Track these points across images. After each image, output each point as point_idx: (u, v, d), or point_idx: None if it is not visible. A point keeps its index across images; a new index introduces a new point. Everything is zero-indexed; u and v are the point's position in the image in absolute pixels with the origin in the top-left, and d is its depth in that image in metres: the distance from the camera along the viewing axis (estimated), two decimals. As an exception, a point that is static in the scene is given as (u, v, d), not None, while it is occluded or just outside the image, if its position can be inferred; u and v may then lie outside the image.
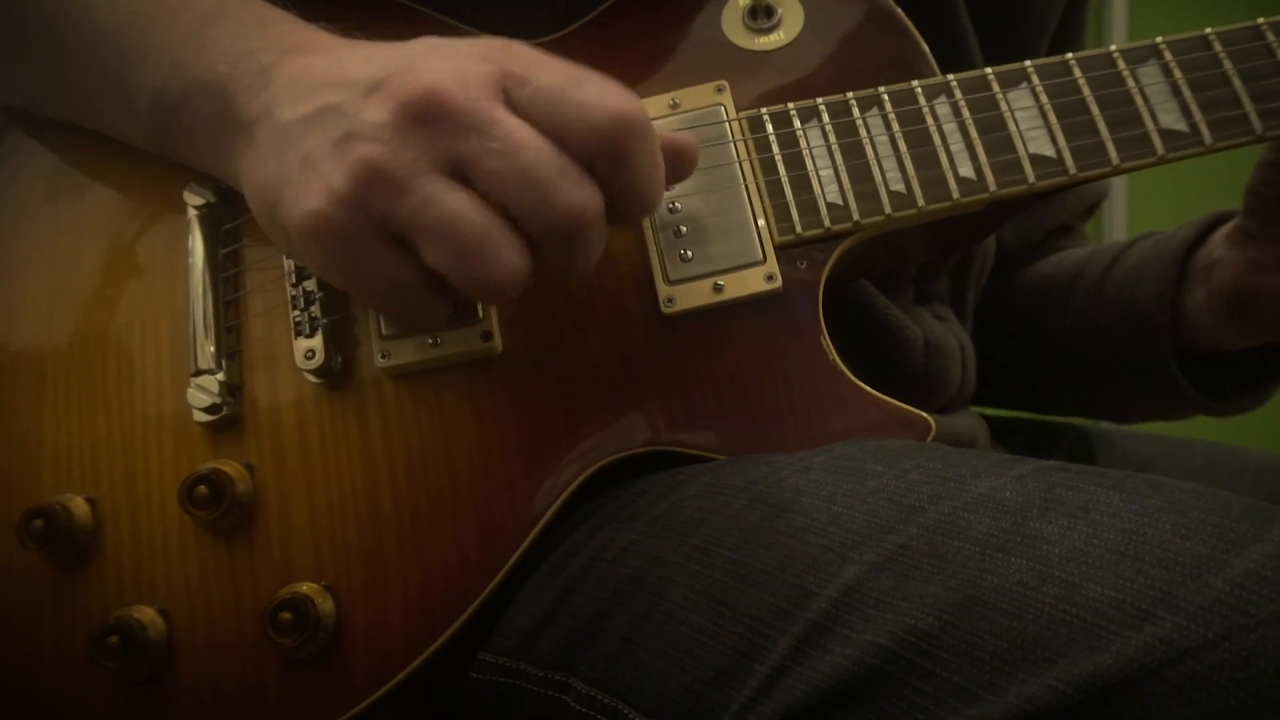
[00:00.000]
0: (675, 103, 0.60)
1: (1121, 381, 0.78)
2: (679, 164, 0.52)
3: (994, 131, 0.58)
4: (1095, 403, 0.84)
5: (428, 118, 0.46)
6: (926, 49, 0.61)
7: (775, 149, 0.58)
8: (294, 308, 0.57)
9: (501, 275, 0.46)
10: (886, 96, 0.59)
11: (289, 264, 0.58)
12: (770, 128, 0.58)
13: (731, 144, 0.58)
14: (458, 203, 0.46)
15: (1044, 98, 0.59)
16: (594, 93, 0.46)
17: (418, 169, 0.46)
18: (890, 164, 0.58)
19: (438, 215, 0.45)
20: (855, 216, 0.57)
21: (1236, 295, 0.69)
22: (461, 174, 0.46)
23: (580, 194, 0.46)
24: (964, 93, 0.59)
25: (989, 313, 0.84)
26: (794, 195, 0.57)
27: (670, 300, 0.56)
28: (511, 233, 0.47)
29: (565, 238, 0.47)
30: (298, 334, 0.56)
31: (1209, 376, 0.76)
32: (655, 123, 0.59)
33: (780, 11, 0.62)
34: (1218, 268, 0.71)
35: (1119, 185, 2.09)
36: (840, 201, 0.57)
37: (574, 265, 0.48)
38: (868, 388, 0.56)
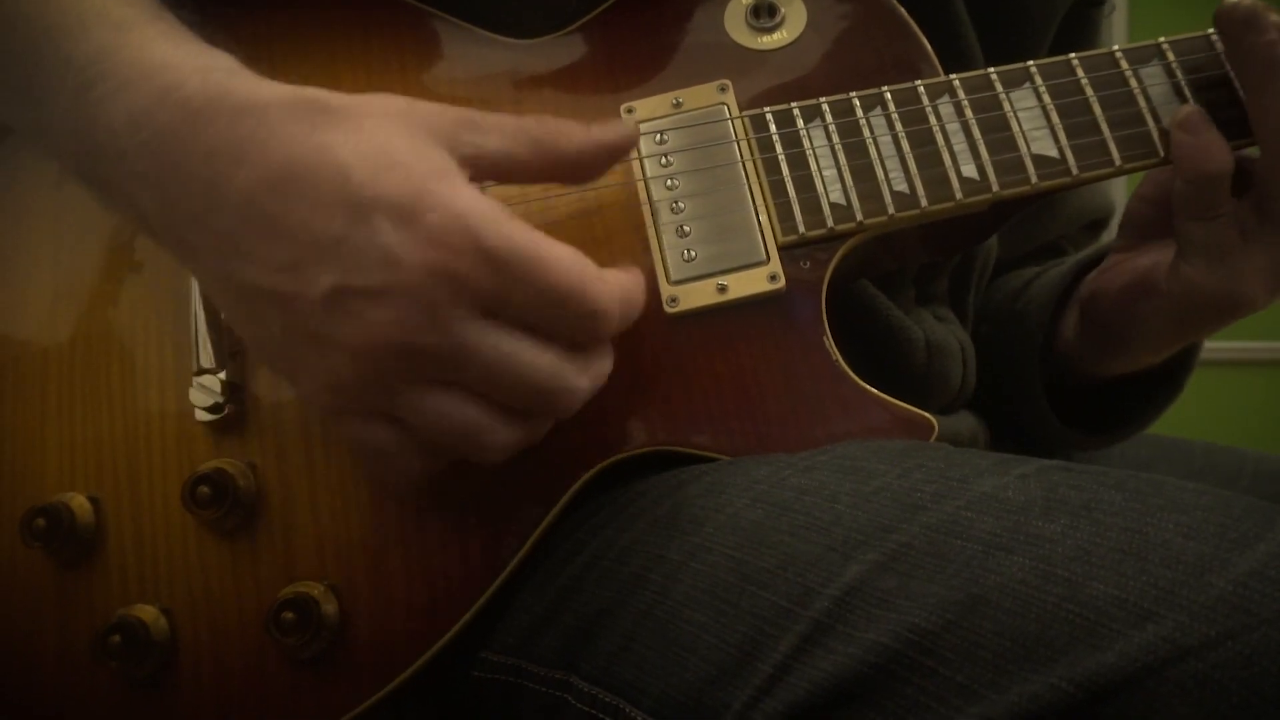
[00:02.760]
0: (678, 102, 0.60)
1: (1007, 398, 0.77)
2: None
3: (997, 131, 0.58)
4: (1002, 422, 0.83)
5: (401, 363, 0.45)
6: (929, 48, 0.61)
7: (778, 149, 0.58)
8: None
9: (498, 453, 0.48)
10: (890, 96, 0.59)
11: None
12: (773, 127, 0.58)
13: (734, 144, 0.58)
14: (448, 410, 0.46)
15: (1047, 98, 0.59)
16: (577, 298, 0.45)
17: (401, 392, 0.46)
18: (893, 164, 0.58)
19: (432, 423, 0.46)
20: (859, 216, 0.57)
21: (1084, 304, 0.70)
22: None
23: (582, 383, 0.48)
24: (967, 92, 0.59)
25: None
26: (797, 195, 0.57)
27: (673, 300, 0.56)
28: (509, 419, 0.48)
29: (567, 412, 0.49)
30: None
31: (1094, 415, 0.76)
32: (656, 122, 0.59)
33: (783, 11, 0.62)
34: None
35: (1120, 196, 2.09)
36: (844, 201, 0.57)
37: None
38: (870, 388, 0.56)
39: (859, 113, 0.58)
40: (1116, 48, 0.60)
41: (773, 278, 0.56)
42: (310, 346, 0.45)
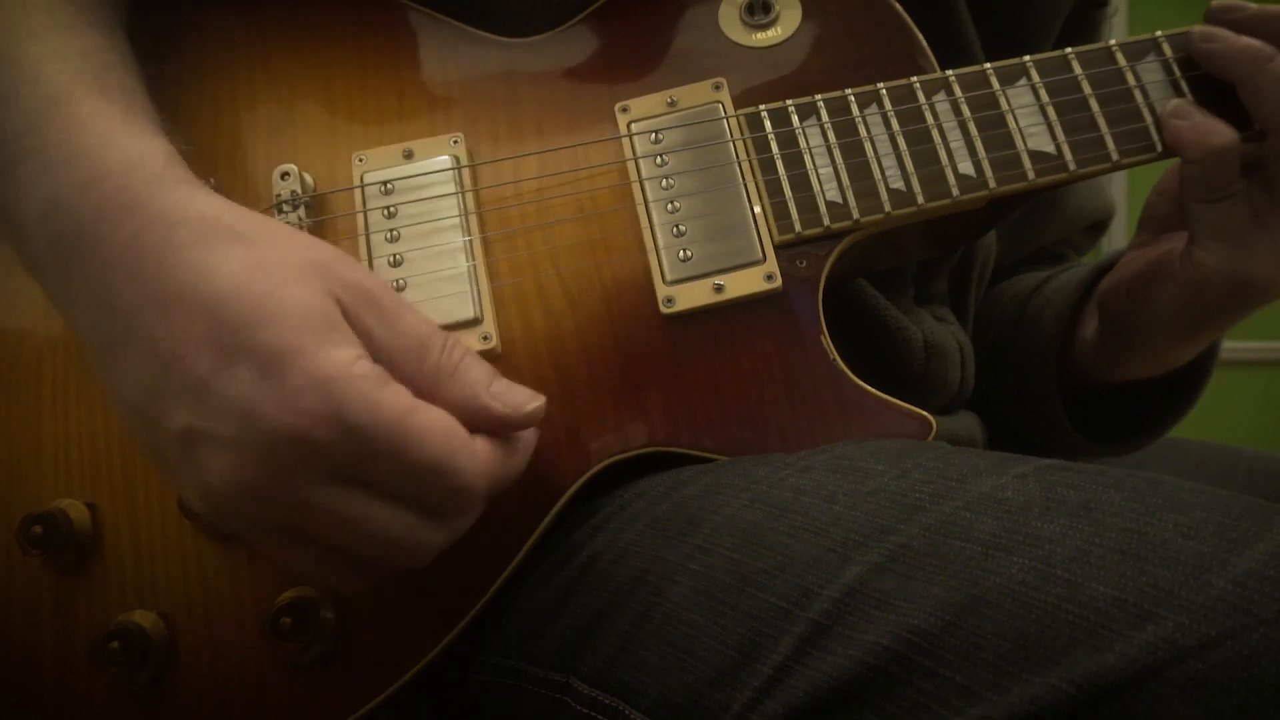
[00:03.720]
0: (672, 101, 0.60)
1: (1018, 404, 0.77)
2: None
3: (993, 128, 0.58)
4: (1011, 426, 0.81)
5: (244, 510, 0.44)
6: (925, 44, 0.61)
7: (774, 147, 0.58)
8: None
9: (352, 591, 0.50)
10: (885, 93, 0.58)
11: None
12: (769, 126, 0.58)
13: (730, 143, 0.58)
14: (294, 555, 0.47)
15: (1043, 93, 0.58)
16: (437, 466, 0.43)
17: (251, 531, 0.46)
18: (889, 161, 0.57)
19: (285, 561, 0.48)
20: (855, 215, 0.57)
21: (1102, 300, 0.69)
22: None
23: (436, 539, 0.46)
24: (963, 89, 0.59)
25: None
26: (793, 194, 0.57)
27: (670, 300, 0.56)
28: (359, 568, 0.47)
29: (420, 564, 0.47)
30: None
31: (1106, 421, 0.75)
32: (651, 121, 0.59)
33: (777, 7, 0.61)
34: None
35: (1120, 197, 2.09)
36: (840, 200, 0.57)
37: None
38: (868, 387, 0.55)
39: (855, 110, 0.58)
40: (1113, 41, 0.60)
41: (769, 277, 0.56)
42: (171, 469, 0.45)
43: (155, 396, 0.44)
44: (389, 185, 0.58)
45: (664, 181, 0.58)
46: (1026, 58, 0.59)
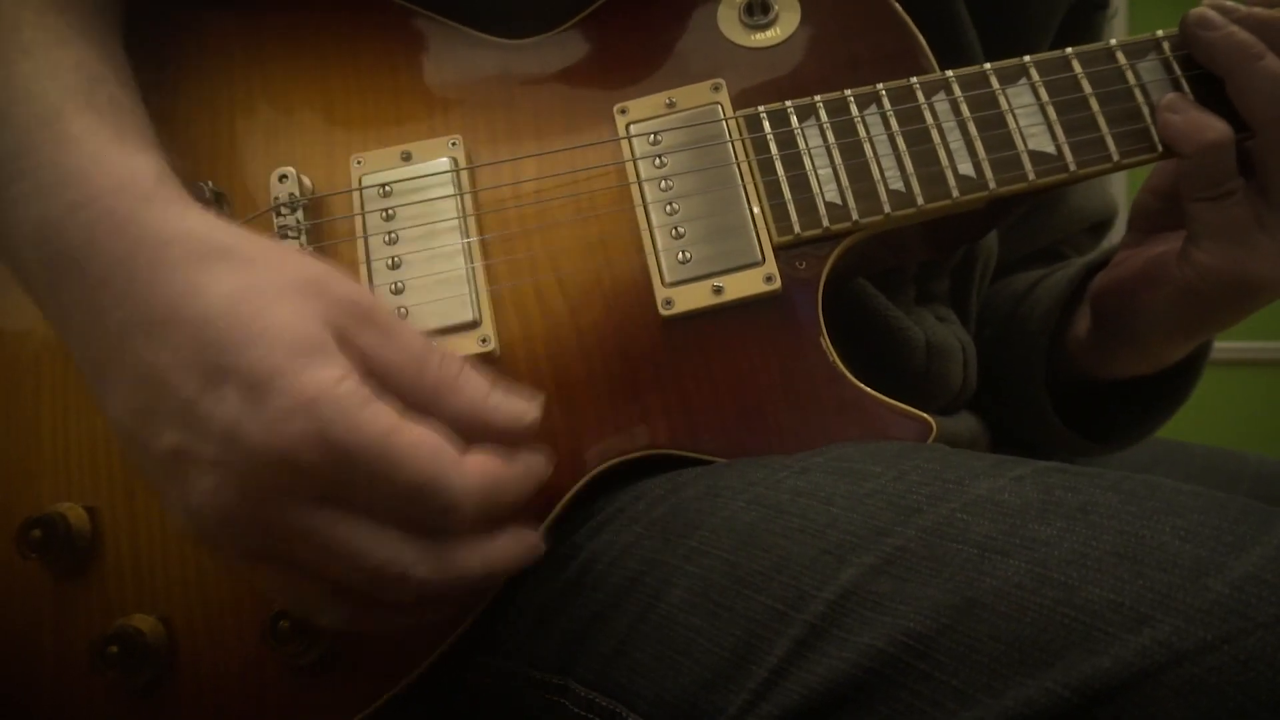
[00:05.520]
0: (671, 102, 0.59)
1: (1010, 402, 0.76)
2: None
3: (993, 128, 0.58)
4: (1007, 425, 0.81)
5: (226, 533, 0.44)
6: (924, 44, 0.60)
7: (773, 149, 0.58)
8: None
9: (332, 627, 0.48)
10: (885, 94, 0.58)
11: None
12: (768, 127, 0.58)
13: (729, 144, 0.58)
14: (276, 582, 0.46)
15: (1043, 93, 0.58)
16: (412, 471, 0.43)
17: (235, 555, 0.46)
18: (889, 162, 0.57)
19: (267, 588, 0.48)
20: (854, 216, 0.56)
21: (1095, 299, 0.68)
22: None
23: (419, 572, 0.44)
24: (963, 89, 0.58)
25: None
26: (792, 195, 0.57)
27: (669, 302, 0.56)
28: (341, 599, 0.46)
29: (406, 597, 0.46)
30: None
31: (1098, 419, 0.75)
32: (650, 123, 0.59)
33: (776, 8, 0.61)
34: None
35: (1121, 195, 2.08)
36: (839, 201, 0.57)
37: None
38: (867, 388, 0.55)
39: (854, 111, 0.58)
40: (1114, 41, 0.60)
41: (769, 278, 0.56)
42: (158, 484, 0.45)
43: (144, 417, 0.44)
44: (387, 188, 0.58)
45: (663, 183, 0.58)
46: (1026, 57, 0.59)
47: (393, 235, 0.57)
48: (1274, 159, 0.55)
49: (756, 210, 0.57)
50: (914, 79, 0.58)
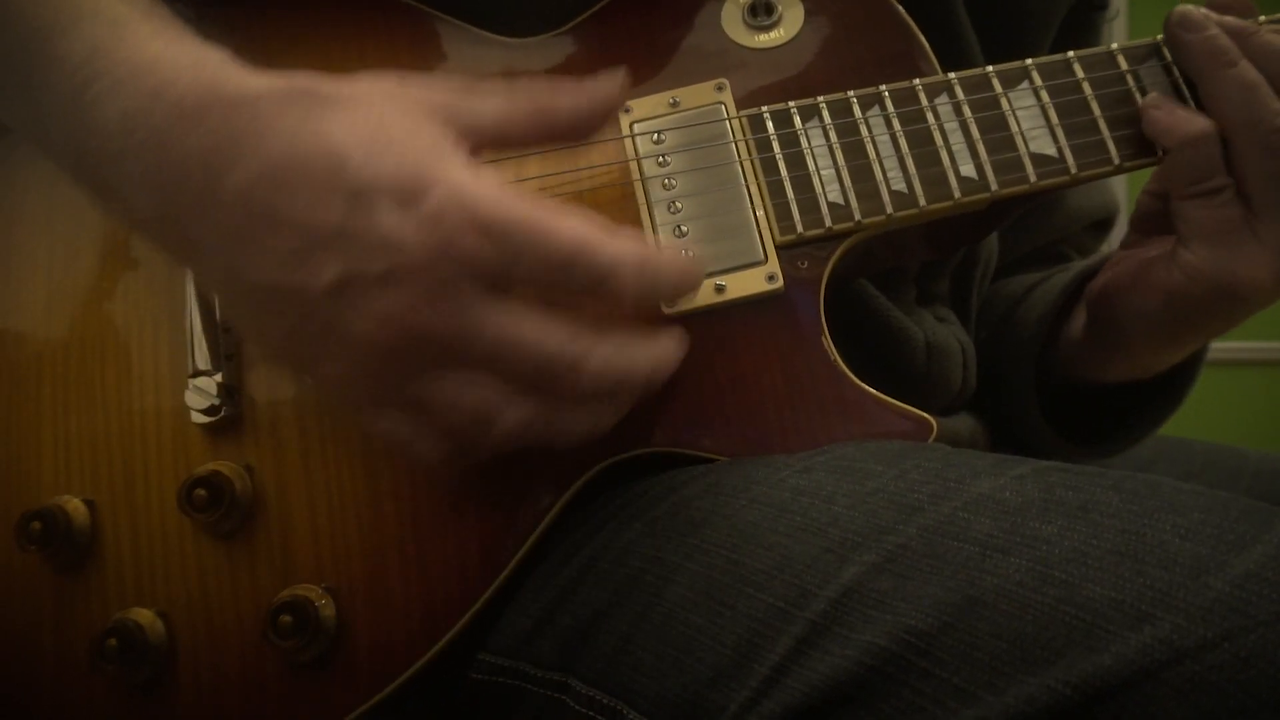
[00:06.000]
0: (675, 101, 0.60)
1: (1002, 405, 0.76)
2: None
3: (995, 130, 0.58)
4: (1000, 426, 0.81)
5: (411, 347, 0.44)
6: (927, 46, 0.61)
7: (776, 148, 0.58)
8: None
9: (510, 432, 0.47)
10: (888, 95, 0.58)
11: None
12: (771, 127, 0.58)
13: (732, 144, 0.58)
14: (457, 391, 0.46)
15: (1045, 96, 0.58)
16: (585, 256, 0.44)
17: (413, 379, 0.46)
18: (892, 163, 0.57)
19: (444, 408, 0.46)
20: (857, 216, 0.57)
21: (1090, 302, 0.68)
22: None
23: (597, 354, 0.46)
24: (965, 91, 0.59)
25: None
26: (795, 195, 0.57)
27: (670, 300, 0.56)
28: (520, 397, 0.47)
29: (583, 388, 0.47)
30: None
31: (1089, 423, 0.75)
32: (653, 122, 0.59)
33: (780, 9, 0.62)
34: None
35: (1123, 194, 2.08)
36: (842, 201, 0.57)
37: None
38: (869, 388, 0.55)
39: (857, 112, 0.58)
40: (1115, 45, 0.60)
41: (771, 278, 0.56)
42: (320, 339, 0.45)
43: (294, 264, 0.44)
44: (390, 185, 0.58)
45: (666, 182, 0.58)
46: (1028, 60, 0.59)
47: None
48: (1249, 164, 0.55)
49: (759, 210, 0.57)
50: (917, 81, 0.59)
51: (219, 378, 0.55)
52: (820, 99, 0.59)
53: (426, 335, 0.44)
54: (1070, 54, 0.59)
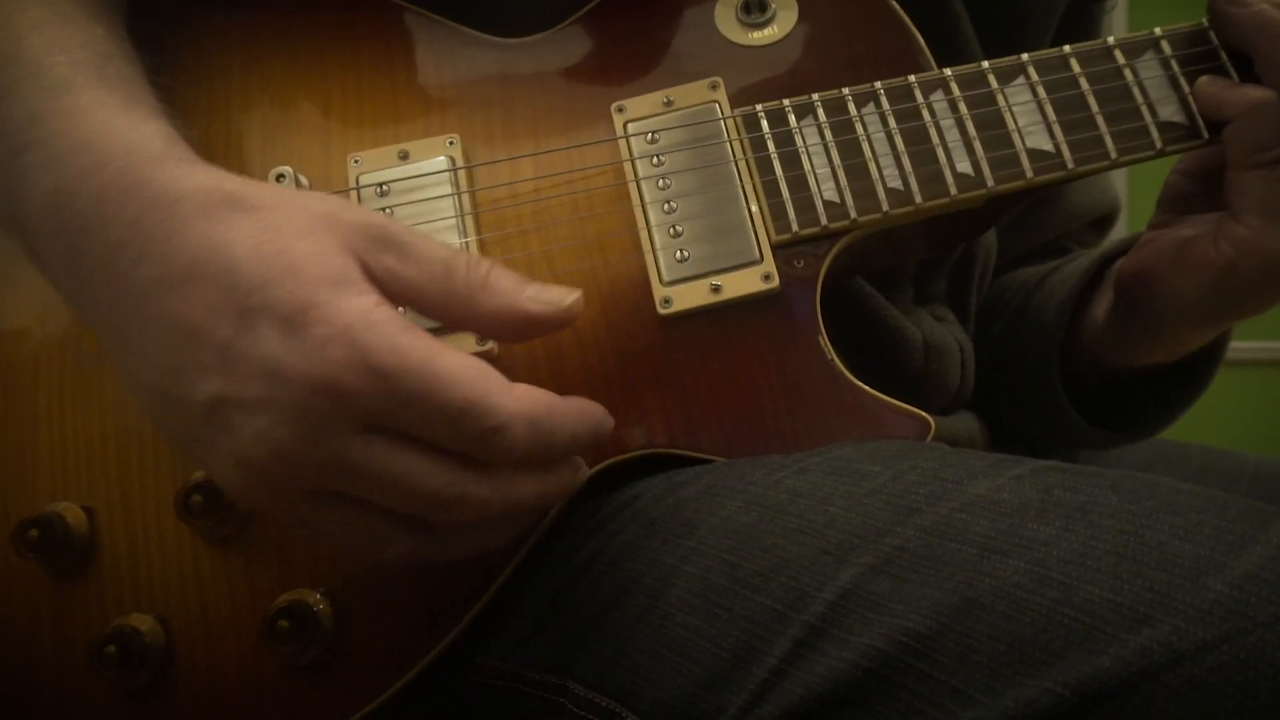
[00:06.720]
0: (669, 100, 0.59)
1: (1021, 396, 0.76)
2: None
3: (991, 127, 0.58)
4: (1013, 422, 0.80)
5: (284, 474, 0.43)
6: (922, 42, 0.60)
7: (771, 147, 0.58)
8: None
9: (401, 560, 0.47)
10: (883, 92, 0.58)
11: None
12: (766, 125, 0.58)
13: (726, 143, 0.58)
14: (340, 518, 0.45)
15: (1041, 91, 0.58)
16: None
17: (294, 500, 0.45)
18: (887, 161, 0.57)
19: (329, 531, 0.46)
20: (853, 215, 0.56)
21: (1121, 284, 0.68)
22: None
23: (481, 491, 0.44)
24: (960, 87, 0.58)
25: None
26: (790, 194, 0.57)
27: (667, 301, 0.56)
28: (408, 528, 0.46)
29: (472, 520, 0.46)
30: None
31: (1111, 414, 0.74)
32: (647, 121, 0.59)
33: (773, 6, 0.61)
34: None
35: (1123, 191, 2.08)
36: (837, 200, 0.57)
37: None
38: (866, 387, 0.55)
39: (852, 109, 0.58)
40: (1111, 39, 0.60)
41: (767, 277, 0.56)
42: (205, 447, 0.44)
43: (179, 372, 0.43)
44: (385, 187, 0.58)
45: (660, 182, 0.58)
46: (1024, 56, 0.59)
47: (390, 234, 0.57)
48: None
49: (754, 209, 0.57)
50: (912, 77, 0.58)
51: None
52: (815, 96, 0.58)
53: (301, 466, 0.43)
54: (1066, 48, 0.59)
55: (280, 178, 0.57)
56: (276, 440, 0.42)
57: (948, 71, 0.59)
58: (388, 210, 0.57)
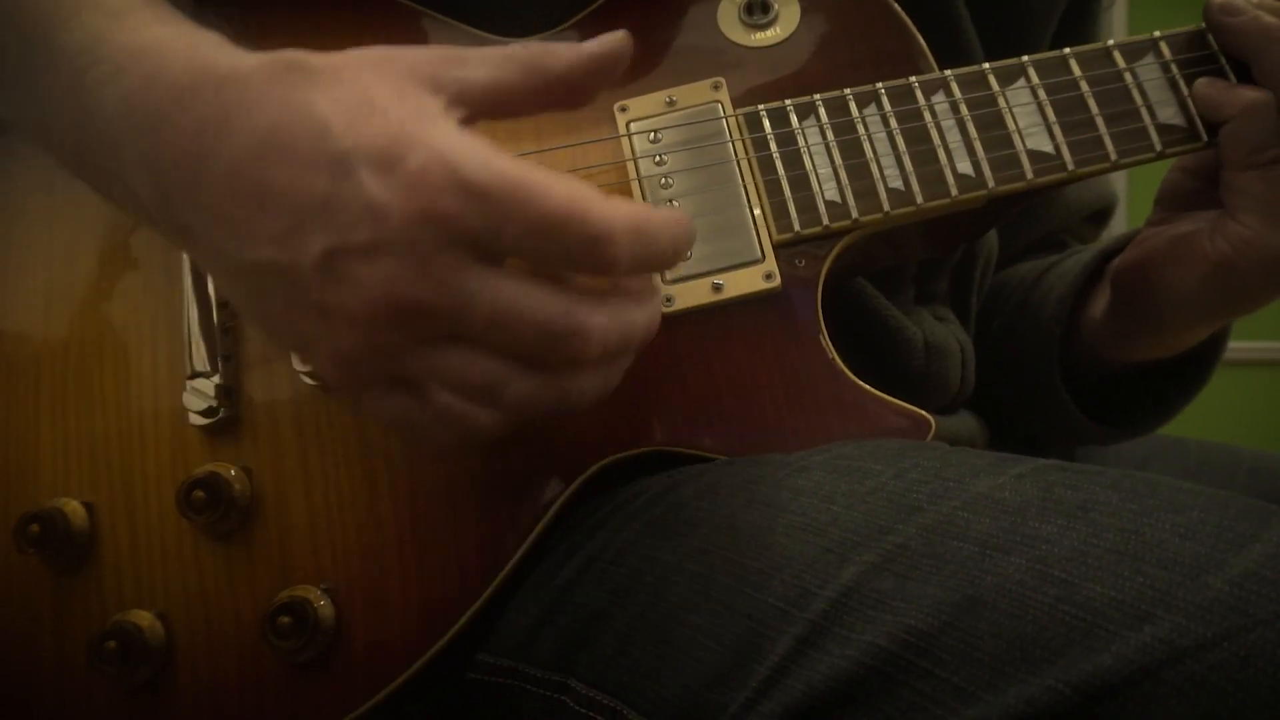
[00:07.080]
0: (671, 100, 0.59)
1: (1021, 392, 0.76)
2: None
3: (992, 128, 0.58)
4: (1012, 418, 0.80)
5: (403, 322, 0.42)
6: (923, 43, 0.61)
7: (773, 147, 0.58)
8: None
9: (520, 408, 0.45)
10: (884, 93, 0.58)
11: None
12: (768, 125, 0.58)
13: (729, 143, 0.58)
14: (458, 365, 0.44)
15: (1042, 93, 0.58)
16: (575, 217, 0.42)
17: (410, 354, 0.44)
18: (888, 161, 0.57)
19: (447, 383, 0.45)
20: (854, 214, 0.57)
21: (1119, 278, 0.68)
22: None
23: (597, 320, 0.44)
24: (961, 89, 0.59)
25: None
26: (792, 193, 0.57)
27: (669, 299, 0.56)
28: (525, 370, 0.45)
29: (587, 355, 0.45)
30: None
31: (1113, 405, 0.75)
32: (650, 121, 0.59)
33: (776, 7, 0.61)
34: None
35: (1120, 187, 2.09)
36: (839, 199, 0.57)
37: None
38: (867, 386, 0.55)
39: (854, 110, 0.58)
40: (1112, 42, 0.60)
41: (768, 276, 0.56)
42: (314, 318, 0.44)
43: (284, 239, 0.43)
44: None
45: (663, 181, 0.58)
46: (1025, 57, 0.59)
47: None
48: None
49: (756, 208, 0.57)
50: (913, 78, 0.59)
51: (217, 379, 0.55)
52: (817, 97, 0.58)
53: (418, 307, 0.42)
54: (1066, 51, 0.59)
55: None
56: (393, 280, 0.41)
57: (949, 73, 0.59)
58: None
